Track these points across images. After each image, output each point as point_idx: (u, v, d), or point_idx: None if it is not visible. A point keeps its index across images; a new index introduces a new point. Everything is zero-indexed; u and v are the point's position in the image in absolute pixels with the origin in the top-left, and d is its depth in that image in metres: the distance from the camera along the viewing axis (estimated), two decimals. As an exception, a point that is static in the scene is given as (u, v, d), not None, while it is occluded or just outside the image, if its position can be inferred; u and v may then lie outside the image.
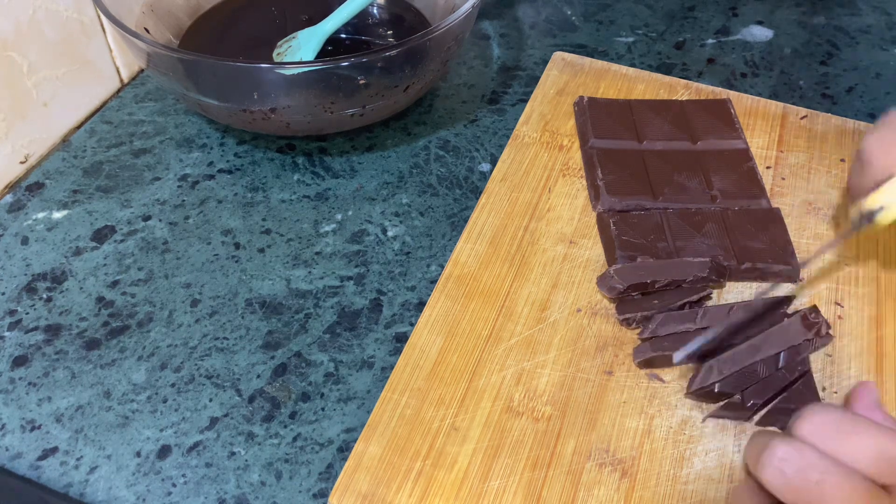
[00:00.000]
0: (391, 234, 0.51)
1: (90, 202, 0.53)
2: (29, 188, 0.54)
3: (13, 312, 0.46)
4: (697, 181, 0.50)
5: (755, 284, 0.46)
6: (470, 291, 0.46)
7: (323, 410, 0.42)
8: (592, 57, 0.62)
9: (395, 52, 0.49)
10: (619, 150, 0.52)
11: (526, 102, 0.58)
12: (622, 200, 0.49)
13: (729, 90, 0.58)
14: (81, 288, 0.48)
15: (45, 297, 0.47)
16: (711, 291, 0.45)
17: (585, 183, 0.52)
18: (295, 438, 0.41)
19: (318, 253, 0.50)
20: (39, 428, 0.41)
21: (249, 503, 0.39)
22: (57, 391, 0.43)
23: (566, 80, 0.59)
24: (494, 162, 0.55)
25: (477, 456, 0.39)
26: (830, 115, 0.57)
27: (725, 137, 0.53)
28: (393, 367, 0.42)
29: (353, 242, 0.51)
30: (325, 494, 0.39)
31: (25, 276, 0.48)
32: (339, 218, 0.52)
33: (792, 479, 0.30)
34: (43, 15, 0.53)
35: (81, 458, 0.40)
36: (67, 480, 0.39)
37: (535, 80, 0.61)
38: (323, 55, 0.57)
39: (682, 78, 0.60)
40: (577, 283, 0.46)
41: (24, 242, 0.50)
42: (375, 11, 0.63)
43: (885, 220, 0.38)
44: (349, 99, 0.50)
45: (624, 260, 0.45)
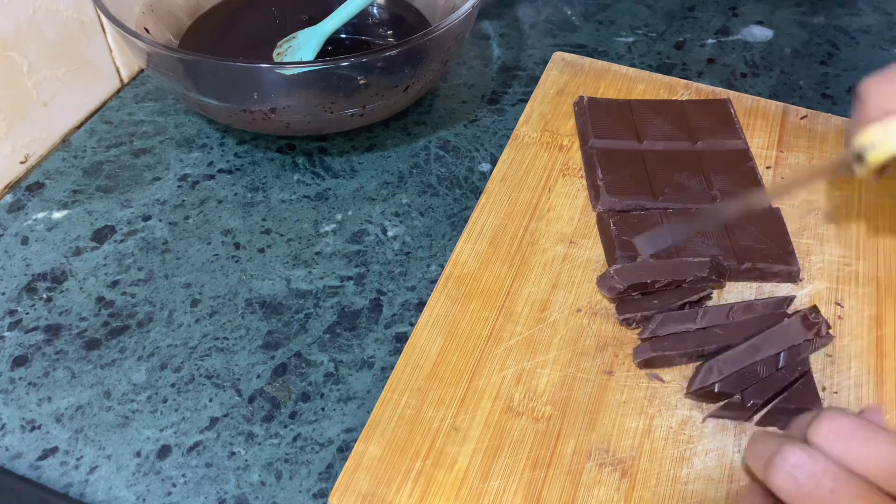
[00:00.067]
0: (391, 234, 0.51)
1: (90, 202, 0.53)
2: (29, 188, 0.54)
3: (13, 312, 0.46)
4: (697, 181, 0.50)
5: (755, 284, 0.46)
6: (470, 291, 0.46)
7: (323, 410, 0.42)
8: (592, 57, 0.62)
9: (395, 52, 0.49)
10: (619, 150, 0.52)
11: (526, 102, 0.58)
12: (622, 200, 0.49)
13: (729, 90, 0.58)
14: (81, 288, 0.48)
15: (45, 297, 0.47)
16: (711, 291, 0.45)
17: (585, 183, 0.52)
18: (295, 438, 0.41)
19: (318, 253, 0.50)
20: (39, 428, 0.41)
21: (249, 503, 0.39)
22: (57, 391, 0.43)
23: (566, 80, 0.59)
24: (494, 162, 0.55)
25: (477, 456, 0.39)
26: (830, 115, 0.56)
27: (725, 137, 0.53)
28: (393, 367, 0.42)
29: (353, 242, 0.51)
30: (325, 494, 0.39)
31: (25, 276, 0.48)
32: (339, 218, 0.52)
33: (804, 485, 0.29)
34: (43, 15, 0.53)
35: (81, 458, 0.40)
36: (67, 480, 0.39)
37: (535, 80, 0.61)
38: (323, 55, 0.57)
39: (682, 78, 0.60)
40: (577, 283, 0.46)
41: (24, 242, 0.50)
42: (375, 11, 0.63)
43: (874, 158, 0.38)
44: (349, 99, 0.50)
45: (624, 260, 0.45)
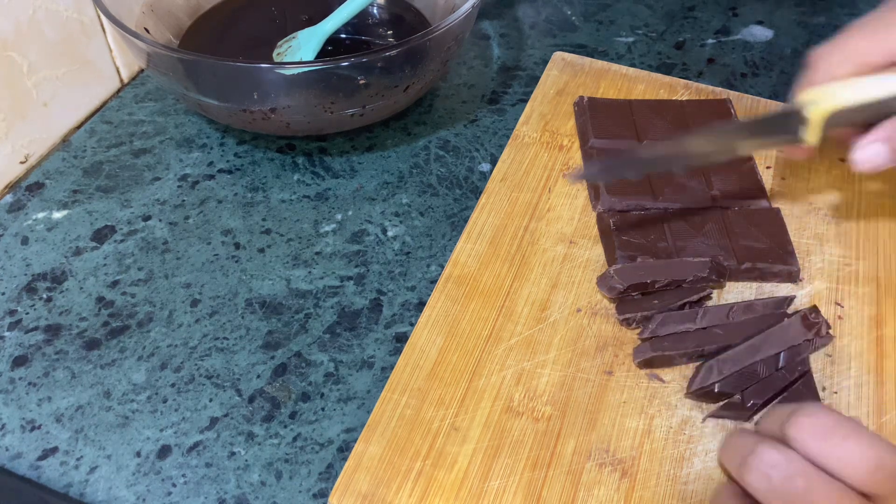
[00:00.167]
0: (391, 234, 0.51)
1: (90, 202, 0.53)
2: (29, 188, 0.54)
3: (13, 312, 0.46)
4: (697, 181, 0.50)
5: (755, 284, 0.46)
6: (470, 291, 0.46)
7: (323, 410, 0.42)
8: (592, 57, 0.62)
9: (395, 52, 0.49)
10: (619, 150, 0.52)
11: (526, 102, 0.58)
12: (622, 200, 0.49)
13: (729, 90, 0.58)
14: (81, 288, 0.48)
15: (45, 297, 0.47)
16: (711, 291, 0.45)
17: (585, 183, 0.52)
18: (295, 438, 0.41)
19: (318, 253, 0.50)
20: (39, 428, 0.41)
21: (249, 503, 0.39)
22: (57, 391, 0.43)
23: (566, 80, 0.59)
24: (494, 162, 0.55)
25: (477, 456, 0.39)
26: (830, 115, 0.56)
27: (725, 137, 0.53)
28: (393, 367, 0.42)
29: (353, 242, 0.51)
30: (325, 494, 0.39)
31: (25, 276, 0.48)
32: (339, 218, 0.52)
33: (778, 485, 0.30)
34: (43, 15, 0.53)
35: (81, 458, 0.40)
36: (67, 480, 0.39)
37: (535, 80, 0.61)
38: (323, 55, 0.57)
39: (682, 78, 0.60)
40: (577, 283, 0.46)
41: (24, 242, 0.50)
42: (375, 11, 0.63)
43: (815, 115, 0.40)
44: (349, 99, 0.50)
45: (624, 260, 0.45)
